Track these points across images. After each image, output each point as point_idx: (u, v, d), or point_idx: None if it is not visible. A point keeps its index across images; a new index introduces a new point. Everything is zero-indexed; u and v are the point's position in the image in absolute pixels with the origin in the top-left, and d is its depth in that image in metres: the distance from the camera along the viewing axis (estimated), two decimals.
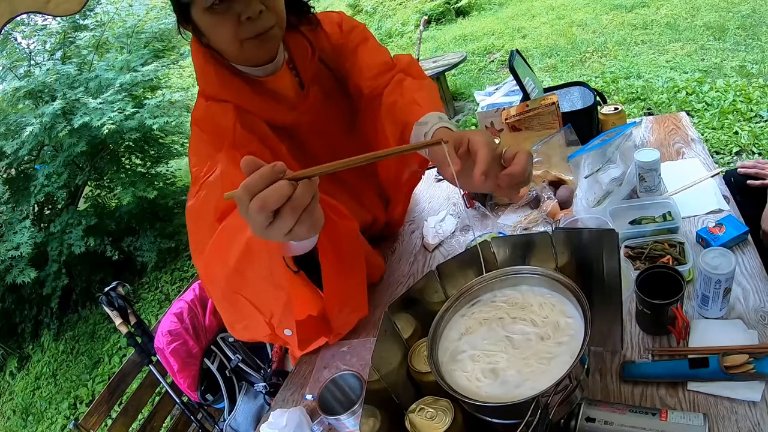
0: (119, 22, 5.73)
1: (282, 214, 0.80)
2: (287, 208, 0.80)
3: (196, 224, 1.25)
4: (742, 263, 1.32)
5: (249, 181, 0.78)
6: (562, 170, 1.77)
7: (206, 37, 1.28)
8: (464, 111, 5.98)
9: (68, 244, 4.90)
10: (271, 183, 0.78)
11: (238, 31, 1.21)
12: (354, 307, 1.47)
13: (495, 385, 0.95)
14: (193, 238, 1.27)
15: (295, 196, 0.80)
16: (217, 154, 1.27)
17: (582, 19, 7.45)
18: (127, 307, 2.09)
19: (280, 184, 0.78)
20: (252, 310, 1.17)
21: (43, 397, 4.56)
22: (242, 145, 1.29)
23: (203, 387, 2.05)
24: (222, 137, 1.30)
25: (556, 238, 1.08)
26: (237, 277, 1.11)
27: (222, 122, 1.31)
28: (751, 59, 4.84)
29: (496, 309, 1.10)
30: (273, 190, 0.78)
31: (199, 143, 1.34)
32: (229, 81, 1.35)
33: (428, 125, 1.28)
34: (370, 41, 1.60)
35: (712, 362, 1.05)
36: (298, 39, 1.48)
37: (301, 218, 0.82)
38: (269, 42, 1.28)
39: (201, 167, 1.29)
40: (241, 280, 1.12)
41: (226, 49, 1.28)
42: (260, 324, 1.19)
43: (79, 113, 4.53)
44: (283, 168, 0.79)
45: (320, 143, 1.56)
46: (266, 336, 1.24)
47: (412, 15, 10.56)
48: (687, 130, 1.96)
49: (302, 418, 1.32)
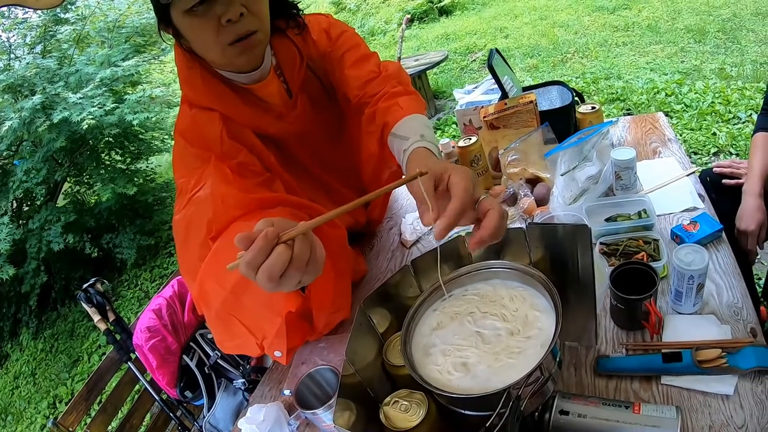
0: (100, 16, 5.66)
1: (288, 275, 0.80)
2: (292, 270, 0.80)
3: (186, 240, 1.23)
4: (716, 260, 1.34)
5: (249, 258, 0.77)
6: (539, 168, 1.78)
7: (187, 41, 1.25)
8: (445, 109, 6.00)
9: (47, 241, 4.83)
10: (269, 252, 0.78)
11: (219, 34, 1.17)
12: (338, 309, 1.47)
13: (466, 378, 0.96)
14: (183, 254, 1.25)
15: (295, 256, 0.80)
16: (206, 167, 1.25)
17: (564, 20, 7.50)
18: (106, 304, 2.07)
19: (278, 251, 0.78)
20: (245, 332, 1.18)
21: (23, 396, 4.50)
22: (230, 156, 1.27)
23: (182, 384, 2.04)
24: (209, 149, 1.28)
25: (530, 233, 1.09)
26: (233, 301, 1.12)
27: (208, 133, 1.29)
28: (730, 62, 4.91)
29: (467, 303, 1.11)
30: (274, 259, 0.78)
31: (186, 155, 1.31)
32: (214, 88, 1.32)
33: (408, 142, 1.25)
34: (358, 48, 1.56)
35: (686, 356, 1.07)
36: (287, 44, 1.45)
37: (308, 268, 0.82)
38: (252, 48, 1.24)
39: (189, 179, 1.26)
40: (236, 304, 1.13)
41: (207, 53, 1.25)
42: (251, 344, 1.20)
43: (58, 108, 4.46)
44: (276, 233, 0.79)
45: (308, 153, 1.55)
46: (255, 354, 1.25)
47: (395, 13, 10.54)
48: (664, 129, 1.98)
49: (280, 413, 1.32)
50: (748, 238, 1.68)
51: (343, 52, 1.54)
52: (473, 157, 1.83)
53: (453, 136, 5.27)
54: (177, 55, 1.31)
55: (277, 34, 1.43)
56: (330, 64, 1.55)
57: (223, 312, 1.16)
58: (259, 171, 1.32)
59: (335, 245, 1.29)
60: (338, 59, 1.53)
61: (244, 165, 1.26)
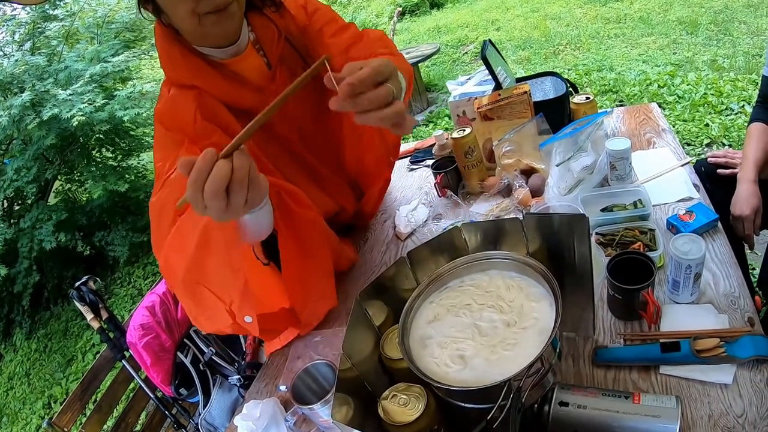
0: (89, 11, 5.61)
1: (233, 190, 0.85)
2: (235, 183, 0.85)
3: (158, 220, 1.24)
4: (712, 250, 1.34)
5: (192, 179, 0.82)
6: (534, 159, 1.77)
7: (166, 15, 1.26)
8: (437, 102, 5.99)
9: (39, 239, 4.80)
10: (210, 170, 0.83)
11: (197, 5, 1.18)
12: (321, 296, 1.49)
13: (465, 371, 0.96)
14: (155, 234, 1.26)
15: (236, 168, 0.84)
16: (180, 150, 1.27)
17: (556, 12, 7.50)
18: (99, 302, 2.05)
19: (218, 165, 0.83)
20: (213, 299, 1.19)
21: (17, 397, 4.48)
22: (204, 137, 1.28)
23: (177, 381, 2.03)
24: (183, 131, 1.29)
25: (527, 224, 1.08)
26: (196, 267, 1.14)
27: (183, 115, 1.30)
28: (722, 53, 4.91)
29: (464, 294, 1.10)
30: (216, 173, 0.82)
31: (163, 139, 1.34)
32: (194, 63, 1.34)
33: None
34: (335, 21, 1.59)
35: (684, 346, 1.06)
36: (264, 21, 1.47)
37: (251, 185, 0.88)
38: (228, 19, 1.25)
39: (165, 163, 1.28)
40: (200, 269, 1.15)
41: (183, 24, 1.25)
42: (221, 313, 1.20)
43: (48, 105, 4.42)
44: (214, 151, 0.84)
45: (289, 129, 1.55)
46: (229, 326, 1.24)
47: (387, 6, 10.54)
48: (658, 120, 1.97)
49: (276, 409, 1.31)
50: (744, 223, 1.68)
51: (321, 25, 1.56)
52: (467, 148, 1.82)
53: (446, 128, 5.26)
54: (158, 37, 1.33)
55: (255, 11, 1.45)
56: (309, 39, 1.57)
57: (188, 279, 1.17)
58: None
59: (308, 227, 1.34)
60: (317, 32, 1.55)
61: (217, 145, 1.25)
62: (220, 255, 1.11)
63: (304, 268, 1.36)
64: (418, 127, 5.57)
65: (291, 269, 1.32)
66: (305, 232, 1.33)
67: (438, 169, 1.93)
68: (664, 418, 0.90)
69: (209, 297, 1.18)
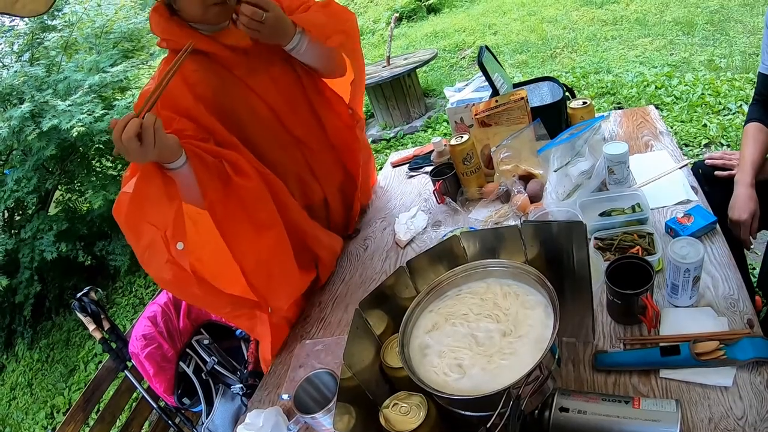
0: (87, 22, 5.61)
1: (144, 137, 1.20)
2: (145, 133, 1.20)
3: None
4: (710, 252, 1.34)
5: (116, 129, 1.19)
6: (532, 164, 1.78)
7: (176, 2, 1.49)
8: (435, 108, 5.99)
9: (39, 250, 4.80)
10: (126, 123, 1.19)
11: None
12: (281, 272, 1.60)
13: (463, 380, 0.96)
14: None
15: (144, 124, 1.20)
16: None
17: (552, 15, 7.51)
18: (101, 312, 2.05)
19: (131, 119, 1.20)
20: (150, 229, 1.34)
21: (20, 407, 4.47)
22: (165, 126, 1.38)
23: (180, 391, 2.03)
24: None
25: (525, 231, 1.09)
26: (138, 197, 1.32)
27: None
28: (719, 53, 4.91)
29: (461, 303, 1.11)
30: (129, 124, 1.19)
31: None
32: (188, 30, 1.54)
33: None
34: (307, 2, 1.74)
35: (684, 350, 1.07)
36: None
37: (157, 136, 1.22)
38: (227, 9, 1.50)
39: None
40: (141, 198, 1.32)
41: (189, 8, 1.49)
42: (159, 243, 1.34)
43: (47, 116, 4.44)
44: (133, 113, 1.22)
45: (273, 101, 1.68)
46: (165, 261, 1.35)
47: (384, 12, 10.55)
48: (655, 123, 1.98)
49: (279, 418, 1.32)
50: (741, 227, 1.68)
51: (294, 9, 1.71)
52: (465, 155, 1.83)
53: (444, 134, 5.27)
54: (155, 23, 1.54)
55: None
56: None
57: (131, 213, 1.33)
58: (192, 134, 1.50)
59: (245, 193, 1.51)
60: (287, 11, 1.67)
61: (178, 131, 1.45)
62: (158, 186, 1.33)
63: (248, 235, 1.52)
64: (416, 133, 5.59)
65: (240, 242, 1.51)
66: (244, 199, 1.51)
67: (437, 176, 1.93)
68: (663, 423, 0.90)
69: (147, 227, 1.34)
